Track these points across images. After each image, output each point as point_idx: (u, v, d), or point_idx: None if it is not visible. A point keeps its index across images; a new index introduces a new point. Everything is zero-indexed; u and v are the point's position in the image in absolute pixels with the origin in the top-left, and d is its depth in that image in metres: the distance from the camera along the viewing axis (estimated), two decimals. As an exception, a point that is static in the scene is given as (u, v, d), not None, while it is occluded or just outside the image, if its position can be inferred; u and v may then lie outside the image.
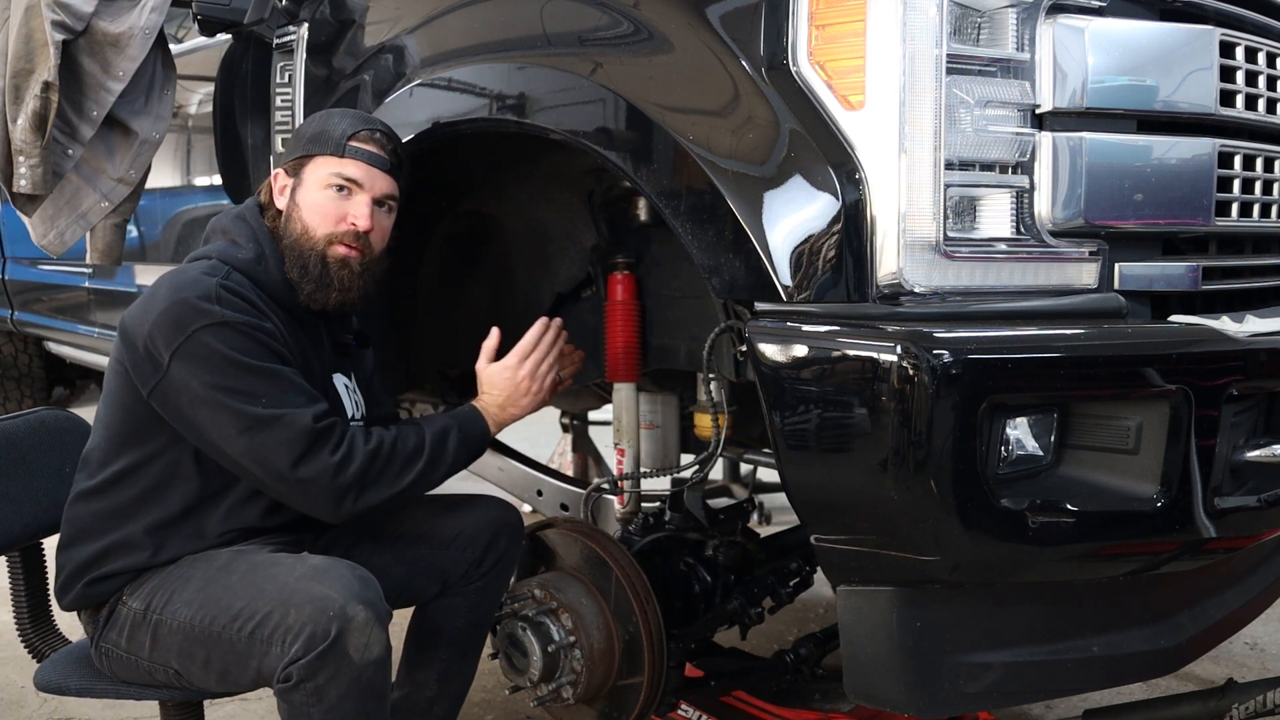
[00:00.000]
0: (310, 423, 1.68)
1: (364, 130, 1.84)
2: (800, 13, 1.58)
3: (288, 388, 1.71)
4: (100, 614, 1.82)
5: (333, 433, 1.71)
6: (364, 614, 1.59)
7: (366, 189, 1.84)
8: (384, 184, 1.86)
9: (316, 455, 1.68)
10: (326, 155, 1.83)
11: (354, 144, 1.83)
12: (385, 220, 1.89)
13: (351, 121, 1.86)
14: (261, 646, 1.61)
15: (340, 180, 1.83)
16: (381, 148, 1.85)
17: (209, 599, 1.68)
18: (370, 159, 1.83)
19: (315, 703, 1.58)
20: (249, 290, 1.77)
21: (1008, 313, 1.57)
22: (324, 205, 1.83)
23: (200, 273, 1.76)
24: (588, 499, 2.55)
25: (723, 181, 1.63)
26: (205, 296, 1.70)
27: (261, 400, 1.68)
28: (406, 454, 1.77)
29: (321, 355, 1.91)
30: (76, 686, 1.83)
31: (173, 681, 1.75)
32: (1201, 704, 1.99)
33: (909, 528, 1.55)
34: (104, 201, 2.54)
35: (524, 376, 1.94)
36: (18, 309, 4.63)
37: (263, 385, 1.69)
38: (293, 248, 1.83)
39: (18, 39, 2.39)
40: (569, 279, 2.46)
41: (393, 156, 1.87)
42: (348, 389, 1.96)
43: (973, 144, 1.55)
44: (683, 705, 2.29)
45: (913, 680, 1.63)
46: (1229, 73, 1.74)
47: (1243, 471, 1.72)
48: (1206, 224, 1.71)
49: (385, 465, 1.74)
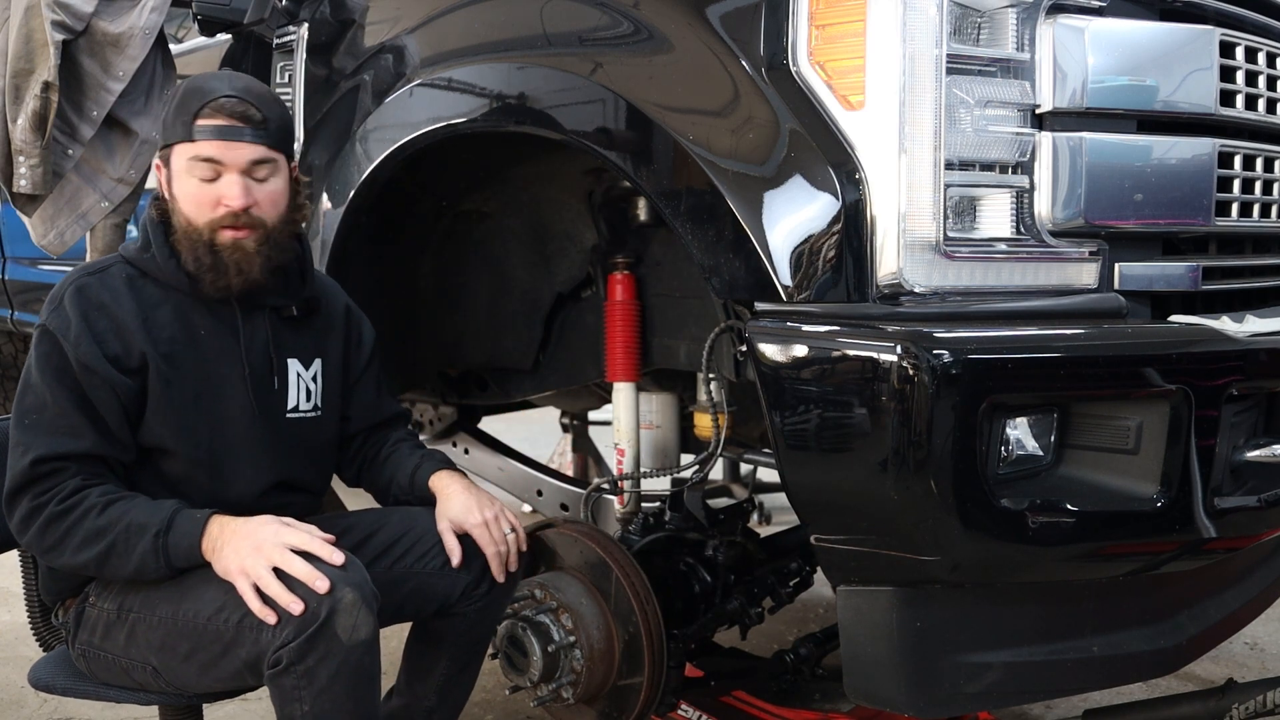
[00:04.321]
0: (27, 465, 1.67)
1: (212, 102, 1.70)
2: (800, 13, 1.58)
3: (52, 416, 1.69)
4: (68, 616, 1.82)
5: (42, 481, 1.67)
6: (351, 595, 1.58)
7: (229, 165, 1.72)
8: (248, 152, 1.72)
9: (18, 497, 1.68)
10: (181, 142, 1.73)
11: (200, 123, 1.70)
12: (269, 186, 1.76)
13: (200, 95, 1.72)
14: (251, 634, 1.60)
15: (200, 165, 1.72)
16: (235, 115, 1.71)
17: (190, 593, 1.67)
18: (223, 133, 1.70)
19: (306, 685, 1.57)
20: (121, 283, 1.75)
21: (1008, 313, 1.57)
22: (194, 193, 1.74)
23: (80, 268, 1.79)
24: (588, 499, 2.55)
25: (723, 181, 1.63)
26: (55, 294, 1.74)
27: (27, 419, 1.70)
28: (87, 533, 1.66)
29: (254, 335, 1.84)
30: (63, 686, 1.83)
31: (149, 681, 1.74)
32: (1201, 704, 1.99)
33: (909, 528, 1.55)
34: (104, 201, 2.54)
35: (265, 544, 1.61)
36: (18, 309, 4.62)
37: (36, 403, 1.70)
38: (183, 240, 1.76)
39: (18, 39, 2.39)
40: (569, 279, 2.46)
41: (250, 120, 1.72)
42: (300, 377, 1.90)
43: (973, 144, 1.55)
44: (683, 705, 2.29)
45: (913, 680, 1.63)
46: (1229, 73, 1.74)
47: (1243, 471, 1.72)
48: (1206, 224, 1.72)
49: (62, 538, 1.67)
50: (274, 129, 1.75)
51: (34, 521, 1.67)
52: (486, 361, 2.69)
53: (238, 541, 1.63)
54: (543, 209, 2.41)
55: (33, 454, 1.67)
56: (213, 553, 1.65)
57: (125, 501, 1.68)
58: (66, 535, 1.66)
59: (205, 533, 1.65)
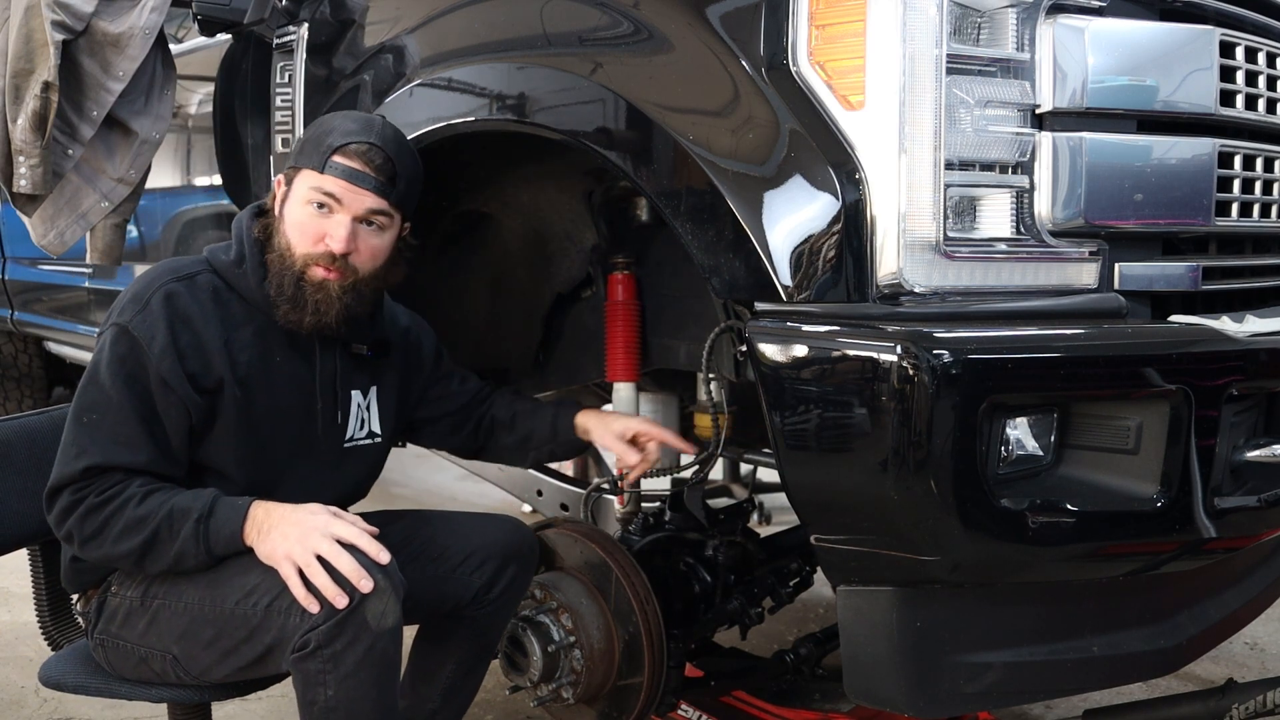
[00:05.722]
0: (79, 471, 1.67)
1: (353, 144, 1.73)
2: (800, 13, 1.58)
3: (113, 421, 1.68)
4: (90, 607, 1.83)
5: (87, 477, 1.67)
6: (382, 582, 1.60)
7: (346, 207, 1.74)
8: (368, 201, 1.74)
9: (60, 492, 1.69)
10: (310, 169, 1.75)
11: (337, 159, 1.72)
12: (373, 239, 1.78)
13: (343, 134, 1.74)
14: (279, 618, 1.61)
15: (320, 197, 1.74)
16: (369, 164, 1.73)
17: (219, 578, 1.68)
18: (352, 176, 1.72)
19: (331, 669, 1.58)
20: (208, 296, 1.75)
21: (1008, 313, 1.57)
22: (304, 222, 1.75)
23: (168, 267, 1.78)
24: (588, 499, 2.55)
25: (723, 181, 1.63)
26: (141, 293, 1.72)
27: (86, 416, 1.69)
28: (127, 523, 1.66)
29: (325, 369, 1.86)
30: (73, 683, 1.85)
31: (166, 670, 1.75)
32: (1201, 704, 1.99)
33: (909, 528, 1.55)
34: (104, 201, 2.54)
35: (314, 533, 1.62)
36: (18, 309, 4.63)
37: (100, 402, 1.69)
38: (275, 262, 1.77)
39: (18, 39, 2.39)
40: (569, 279, 2.46)
41: (383, 172, 1.74)
42: (360, 407, 1.92)
43: (973, 144, 1.55)
44: (683, 705, 2.29)
45: (913, 680, 1.63)
46: (1229, 73, 1.74)
47: (1243, 471, 1.72)
48: (1206, 224, 1.71)
49: (101, 527, 1.67)
50: (401, 187, 1.77)
51: (73, 513, 1.68)
52: (486, 361, 2.69)
53: (286, 527, 1.64)
54: (543, 209, 2.41)
55: (86, 460, 1.67)
56: (257, 535, 1.65)
57: (164, 492, 1.69)
58: (106, 525, 1.67)
59: (249, 517, 1.66)
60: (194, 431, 1.74)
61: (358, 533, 1.64)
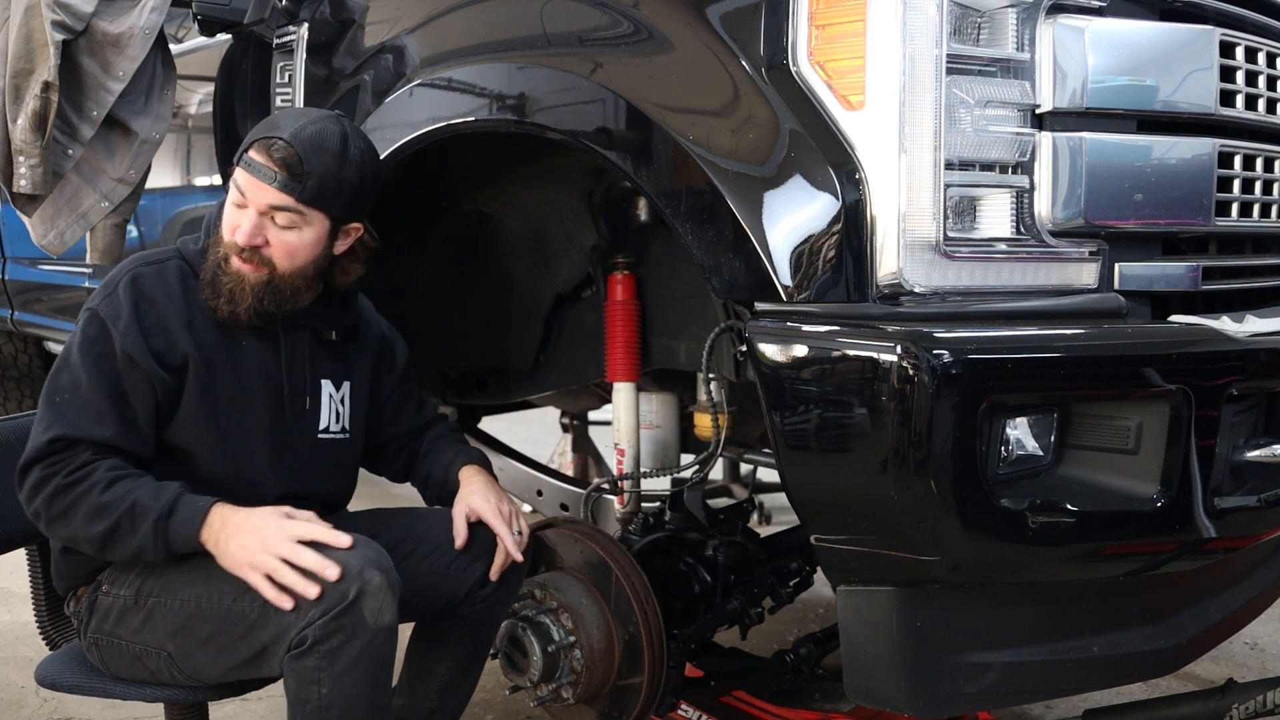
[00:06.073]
0: (45, 442, 1.70)
1: (264, 139, 1.75)
2: (800, 13, 1.58)
3: (82, 399, 1.72)
4: (80, 606, 1.83)
5: (55, 456, 1.70)
6: (379, 579, 1.61)
7: (251, 201, 1.76)
8: (269, 197, 1.74)
9: (30, 468, 1.71)
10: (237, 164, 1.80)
11: (249, 154, 1.76)
12: (285, 235, 1.77)
13: (265, 129, 1.78)
14: (277, 614, 1.62)
15: (235, 190, 1.78)
16: (272, 160, 1.73)
17: (216, 574, 1.68)
18: (255, 171, 1.74)
19: (327, 666, 1.59)
20: (175, 279, 1.79)
21: (1008, 313, 1.57)
22: (226, 214, 1.80)
23: (140, 256, 1.82)
24: (588, 499, 2.55)
25: (723, 181, 1.63)
26: (111, 280, 1.78)
27: (59, 395, 1.74)
28: (90, 509, 1.68)
29: (292, 353, 1.87)
30: (69, 683, 1.84)
31: (161, 669, 1.75)
32: (1201, 704, 1.99)
33: (909, 528, 1.55)
34: (104, 201, 2.54)
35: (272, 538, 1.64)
36: (18, 309, 4.62)
37: (71, 383, 1.74)
38: (211, 249, 1.82)
39: (18, 39, 2.39)
40: (569, 279, 2.46)
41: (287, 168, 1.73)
42: (331, 399, 1.94)
43: (973, 144, 1.55)
44: (683, 705, 2.29)
45: (913, 680, 1.63)
46: (1229, 73, 1.74)
47: (1243, 471, 1.72)
48: (1206, 224, 1.72)
49: (67, 509, 1.69)
50: (312, 185, 1.74)
51: (42, 491, 1.70)
52: (486, 362, 2.69)
53: (242, 537, 1.65)
54: (543, 209, 2.41)
55: (53, 432, 1.71)
56: (214, 544, 1.67)
57: (130, 480, 1.70)
58: (72, 507, 1.69)
59: (205, 522, 1.68)
60: (160, 409, 1.77)
61: (312, 528, 1.66)
